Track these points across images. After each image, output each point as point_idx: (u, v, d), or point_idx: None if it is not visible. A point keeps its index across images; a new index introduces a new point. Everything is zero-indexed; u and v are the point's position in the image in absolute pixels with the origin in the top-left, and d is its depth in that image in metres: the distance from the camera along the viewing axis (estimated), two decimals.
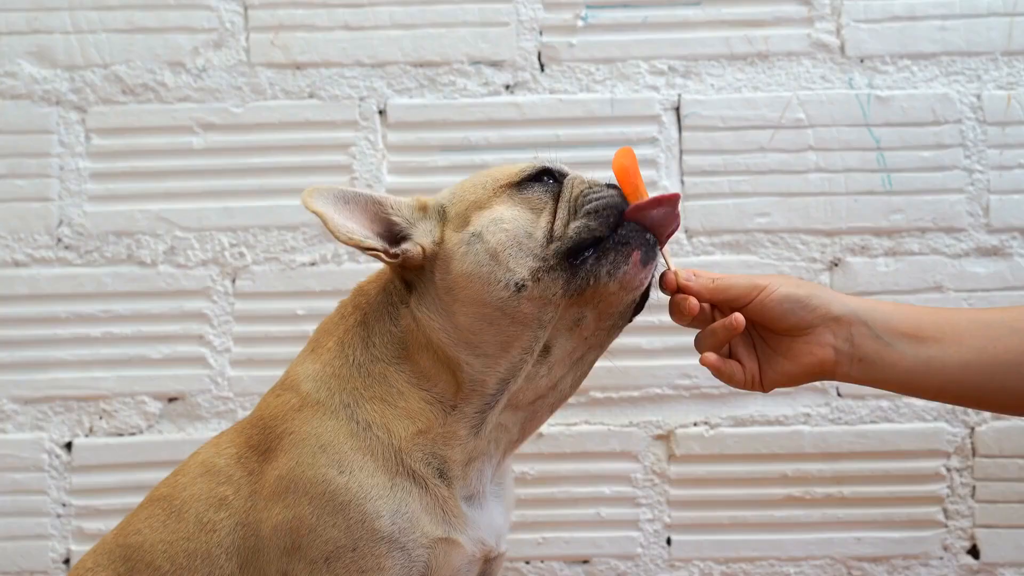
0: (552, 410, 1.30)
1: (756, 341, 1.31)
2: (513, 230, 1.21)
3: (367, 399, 1.23)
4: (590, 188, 1.23)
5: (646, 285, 1.24)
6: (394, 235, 1.26)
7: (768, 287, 1.26)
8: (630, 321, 1.29)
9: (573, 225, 1.20)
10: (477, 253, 1.21)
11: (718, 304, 1.29)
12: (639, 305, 1.27)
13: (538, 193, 1.24)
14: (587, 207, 1.21)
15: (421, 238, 1.25)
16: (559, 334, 1.23)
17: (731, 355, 1.31)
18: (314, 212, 1.21)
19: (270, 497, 1.21)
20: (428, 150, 1.94)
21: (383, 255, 1.23)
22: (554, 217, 1.22)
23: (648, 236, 1.21)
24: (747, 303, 1.26)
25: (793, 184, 1.92)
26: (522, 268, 1.19)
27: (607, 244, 1.19)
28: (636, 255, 1.20)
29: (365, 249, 1.23)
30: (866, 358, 1.27)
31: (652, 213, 1.21)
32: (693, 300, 1.26)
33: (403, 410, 1.23)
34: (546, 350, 1.23)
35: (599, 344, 1.27)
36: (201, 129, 1.95)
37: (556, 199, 1.23)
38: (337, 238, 1.21)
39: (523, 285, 1.19)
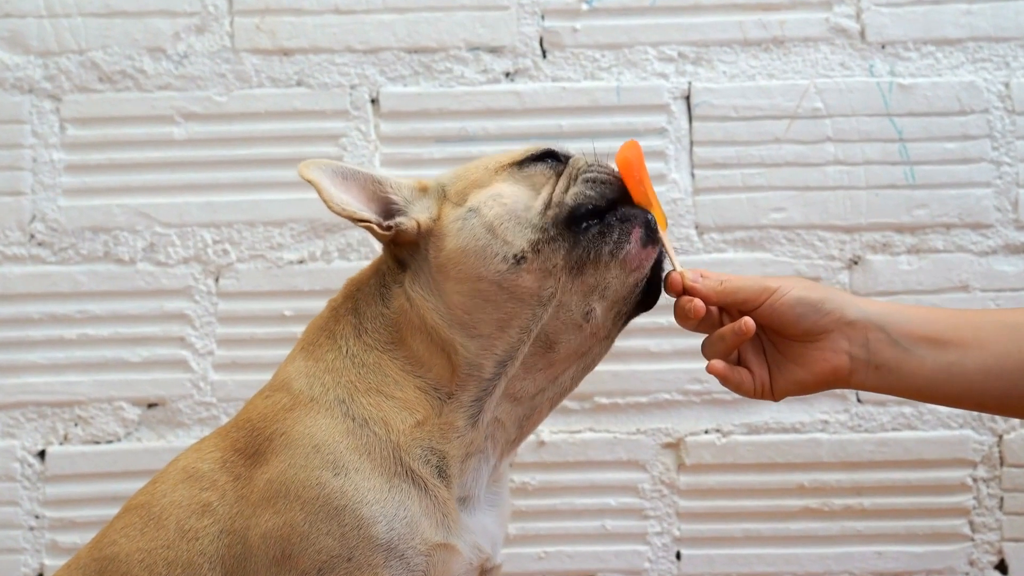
0: (553, 405, 1.31)
1: (767, 347, 1.31)
2: (511, 204, 1.23)
3: (362, 392, 1.24)
4: (595, 161, 1.27)
5: (648, 267, 1.26)
6: (390, 215, 1.29)
7: (779, 290, 1.26)
8: (639, 312, 1.30)
9: (571, 191, 1.23)
10: (473, 227, 1.23)
11: (727, 307, 1.29)
12: (649, 297, 1.29)
13: (540, 170, 1.27)
14: (587, 175, 1.24)
15: (417, 214, 1.27)
16: (566, 330, 1.24)
17: (740, 362, 1.32)
18: (308, 180, 1.24)
19: (259, 503, 1.21)
20: (423, 141, 1.95)
21: (376, 228, 1.26)
22: (555, 187, 1.25)
23: (649, 216, 1.24)
24: (757, 306, 1.27)
25: (810, 177, 1.93)
26: (520, 240, 1.21)
27: (610, 219, 1.22)
28: (637, 232, 1.22)
29: (358, 221, 1.25)
30: (883, 365, 1.27)
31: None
32: (698, 302, 1.26)
33: (400, 401, 1.24)
34: (550, 346, 1.24)
35: (606, 335, 1.28)
36: (182, 119, 1.95)
37: (558, 177, 1.26)
38: (330, 208, 1.24)
39: (523, 257, 1.21)
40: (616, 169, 1.27)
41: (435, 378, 1.25)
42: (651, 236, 1.24)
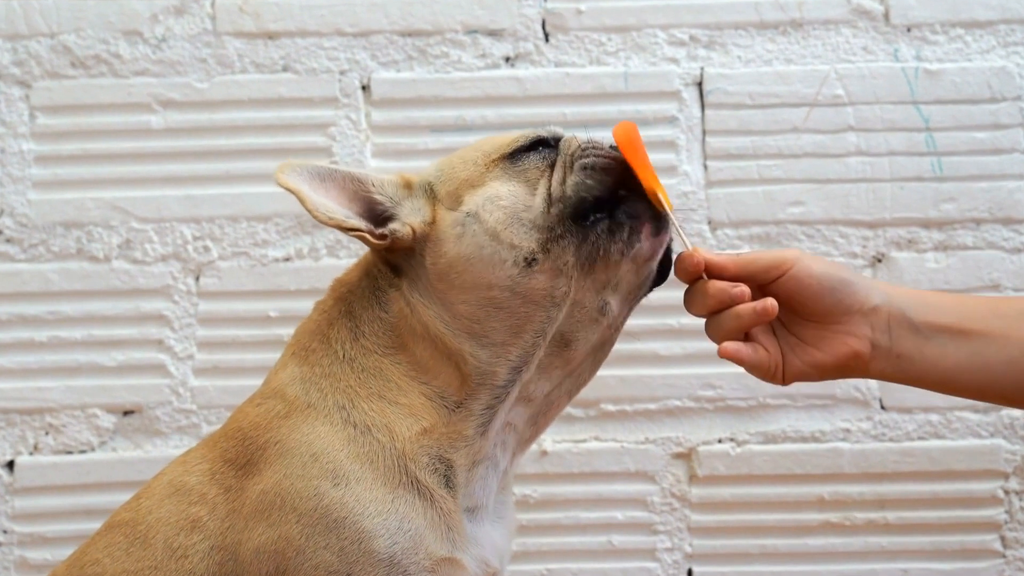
0: (571, 396, 1.32)
1: (778, 329, 1.30)
2: (511, 206, 1.24)
3: (363, 397, 1.25)
4: (588, 143, 1.27)
5: (660, 255, 1.26)
6: (376, 215, 1.29)
7: (799, 261, 1.25)
8: (652, 290, 1.30)
9: (569, 182, 1.23)
10: (475, 235, 1.23)
11: (742, 281, 1.26)
12: (660, 275, 1.29)
13: (534, 162, 1.27)
14: (583, 161, 1.24)
15: (409, 217, 1.28)
16: (582, 327, 1.25)
17: (747, 340, 1.29)
18: (289, 190, 1.24)
19: (251, 515, 1.22)
20: (417, 130, 1.96)
21: (368, 237, 1.26)
22: (551, 180, 1.25)
23: (652, 212, 1.23)
24: (780, 275, 1.25)
25: (830, 169, 1.94)
26: (528, 241, 1.22)
27: (620, 216, 1.22)
28: (648, 228, 1.23)
29: (347, 230, 1.25)
30: (904, 354, 1.27)
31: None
32: (744, 288, 1.23)
33: (405, 407, 1.25)
34: (565, 344, 1.26)
35: (621, 324, 1.29)
36: (160, 107, 1.96)
37: (553, 163, 1.27)
38: (316, 218, 1.24)
39: (533, 259, 1.22)
40: (609, 148, 1.28)
41: (441, 385, 1.26)
42: (661, 225, 1.24)
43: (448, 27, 1.96)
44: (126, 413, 1.93)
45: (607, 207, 1.23)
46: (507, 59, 1.96)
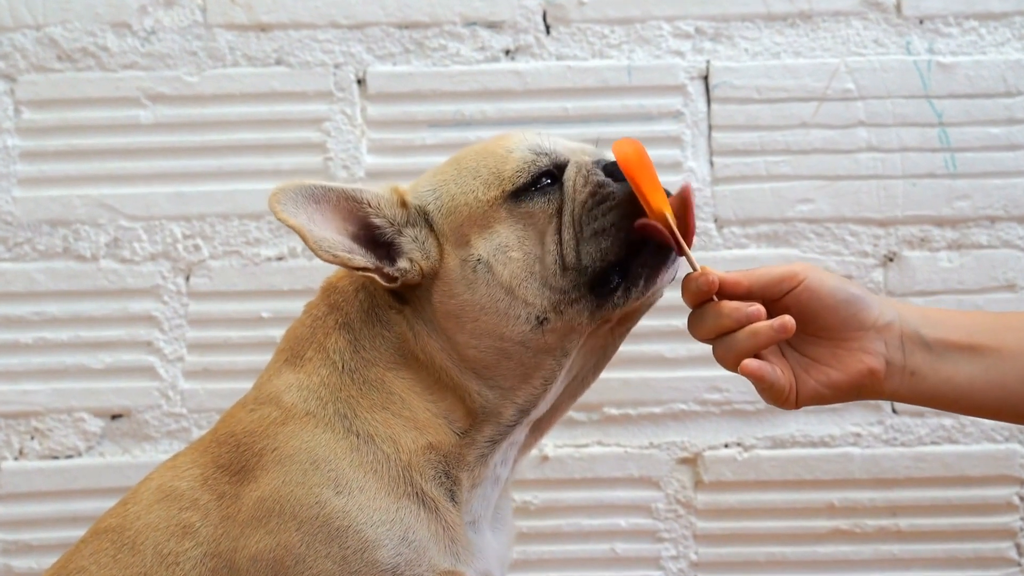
0: (574, 399, 1.33)
1: (786, 349, 1.28)
2: (523, 258, 1.23)
3: (366, 408, 1.25)
4: (591, 197, 1.24)
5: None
6: (373, 237, 1.28)
7: (810, 275, 1.24)
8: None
9: (585, 251, 1.22)
10: (488, 285, 1.23)
11: (754, 298, 1.24)
12: None
13: (539, 205, 1.25)
14: (594, 227, 1.23)
15: (414, 252, 1.27)
16: (585, 354, 1.27)
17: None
18: (291, 227, 1.22)
19: (248, 522, 1.22)
20: (414, 126, 1.95)
21: (376, 276, 1.24)
22: (560, 235, 1.24)
23: (671, 254, 1.22)
24: (790, 289, 1.23)
25: (840, 166, 1.94)
26: (541, 300, 1.22)
27: (635, 270, 1.22)
28: (664, 274, 1.23)
29: (354, 269, 1.24)
30: (918, 372, 1.26)
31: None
32: (760, 306, 1.20)
33: (409, 420, 1.25)
34: (565, 353, 1.26)
35: (626, 332, 1.30)
36: (150, 101, 1.96)
37: (560, 208, 1.25)
38: (319, 256, 1.22)
39: (545, 319, 1.22)
40: (613, 174, 1.25)
41: (447, 409, 1.26)
42: (673, 257, 1.23)
43: (446, 19, 1.96)
44: (114, 417, 1.93)
45: (623, 260, 1.22)
46: (507, 52, 1.96)
